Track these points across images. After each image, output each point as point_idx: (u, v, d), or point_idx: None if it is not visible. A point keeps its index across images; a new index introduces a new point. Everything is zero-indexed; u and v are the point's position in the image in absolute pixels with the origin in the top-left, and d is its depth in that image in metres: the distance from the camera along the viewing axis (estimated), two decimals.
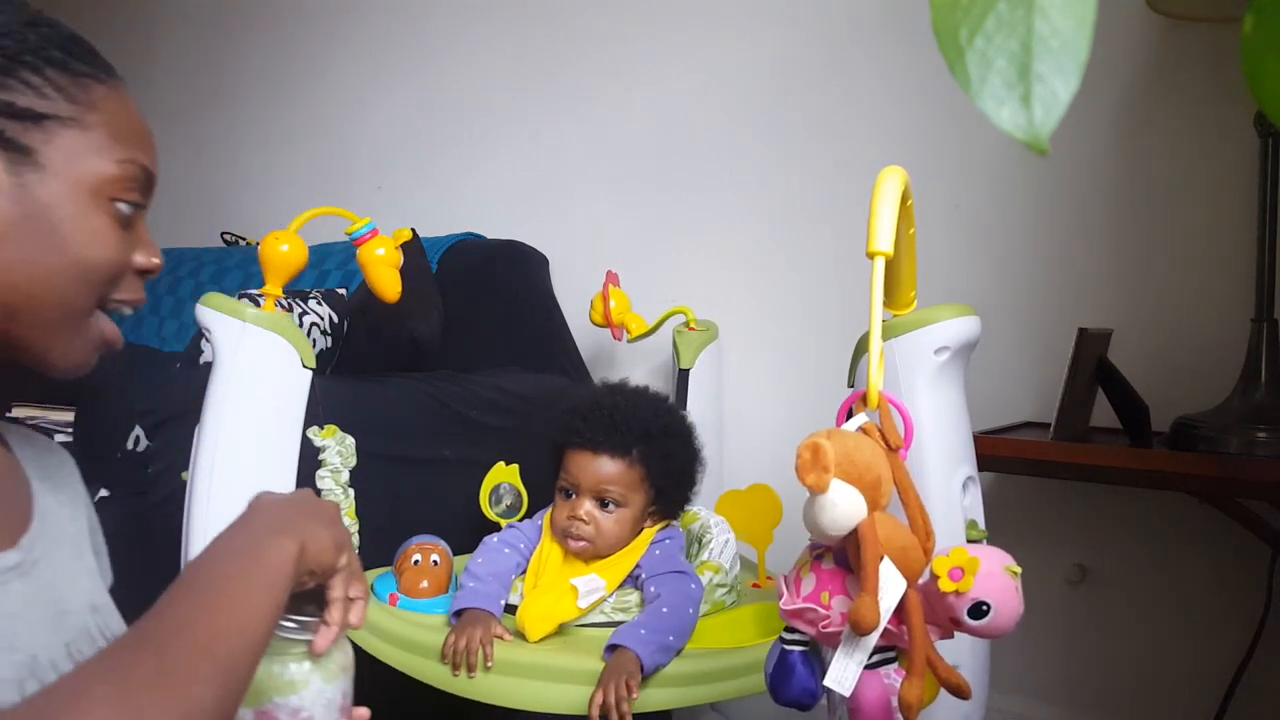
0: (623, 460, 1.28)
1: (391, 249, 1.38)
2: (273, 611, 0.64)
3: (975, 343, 1.13)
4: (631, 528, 1.29)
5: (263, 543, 0.65)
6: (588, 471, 1.28)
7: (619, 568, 1.28)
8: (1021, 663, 1.60)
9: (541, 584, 1.28)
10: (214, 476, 1.21)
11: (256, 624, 0.62)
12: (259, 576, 0.64)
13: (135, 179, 0.71)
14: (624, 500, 1.28)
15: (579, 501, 1.28)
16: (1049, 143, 0.42)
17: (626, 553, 1.29)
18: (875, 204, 0.87)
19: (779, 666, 0.87)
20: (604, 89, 2.14)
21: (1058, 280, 1.63)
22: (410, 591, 1.32)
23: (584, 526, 1.27)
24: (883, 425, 0.84)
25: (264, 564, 0.64)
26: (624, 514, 1.28)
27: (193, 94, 2.94)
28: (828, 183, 1.85)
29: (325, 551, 0.69)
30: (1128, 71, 1.57)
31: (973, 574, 0.76)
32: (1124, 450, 1.35)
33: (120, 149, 0.69)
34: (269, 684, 0.70)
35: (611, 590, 1.26)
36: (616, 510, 1.28)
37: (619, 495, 1.27)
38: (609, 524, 1.27)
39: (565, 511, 1.29)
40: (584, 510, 1.27)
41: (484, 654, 1.16)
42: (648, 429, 1.29)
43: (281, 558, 0.65)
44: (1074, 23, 0.42)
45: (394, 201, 2.45)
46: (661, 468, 1.30)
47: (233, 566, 0.64)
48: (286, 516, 0.69)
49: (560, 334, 2.06)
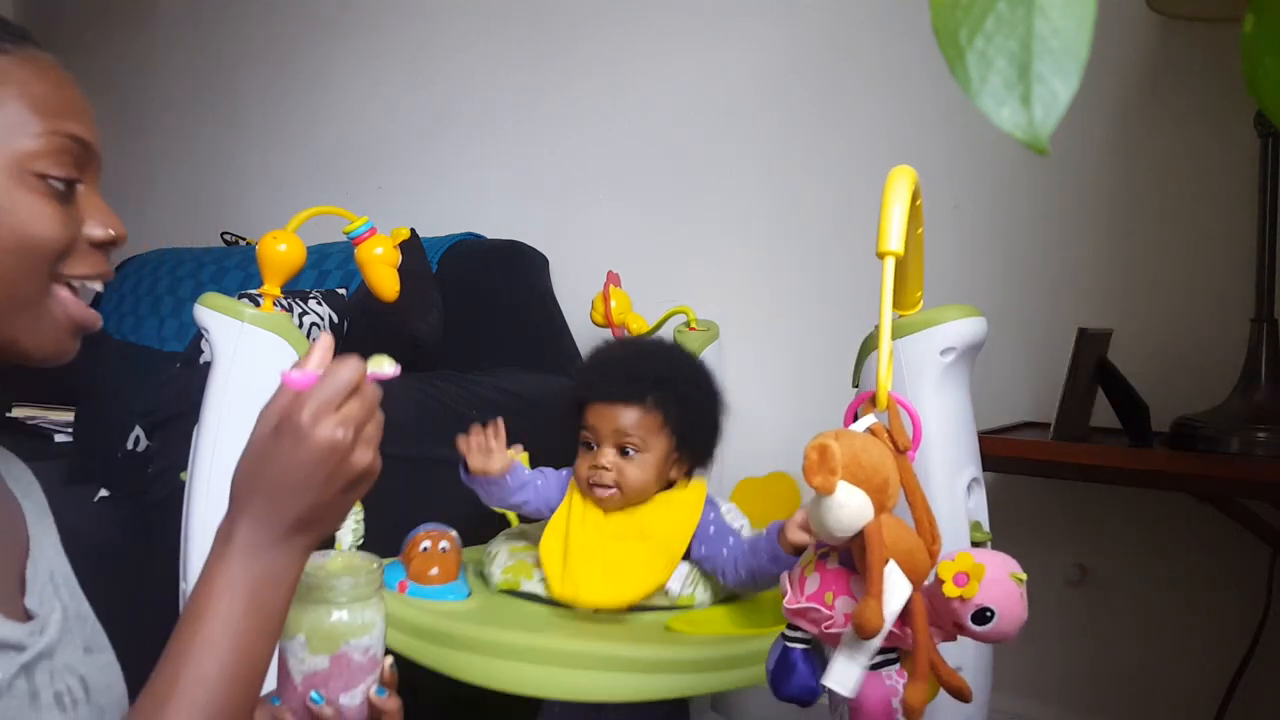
0: (638, 406, 1.30)
1: (389, 248, 1.38)
2: (272, 651, 0.67)
3: (981, 344, 1.12)
4: (656, 474, 1.30)
5: (259, 585, 0.65)
6: (606, 420, 1.30)
7: (679, 537, 1.28)
8: (1022, 663, 1.60)
9: (583, 548, 1.27)
10: (213, 476, 1.21)
11: (259, 669, 0.65)
12: (259, 624, 0.65)
13: (65, 150, 0.66)
14: (644, 446, 1.29)
15: (600, 452, 1.30)
16: (1049, 143, 0.42)
17: (680, 521, 1.29)
18: (886, 203, 0.86)
19: (780, 663, 0.86)
20: (605, 89, 2.14)
21: (1058, 280, 1.63)
22: (419, 578, 1.31)
23: (606, 474, 1.28)
24: (891, 427, 0.84)
25: (263, 610, 0.65)
26: (646, 459, 1.29)
27: (193, 94, 2.94)
28: (828, 183, 1.85)
29: (330, 523, 0.68)
30: (1128, 71, 1.57)
31: (978, 580, 0.75)
32: (1124, 450, 1.35)
33: (41, 121, 0.65)
34: (346, 630, 0.76)
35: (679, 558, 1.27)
36: (638, 456, 1.29)
37: (638, 441, 1.29)
38: (632, 470, 1.29)
39: (587, 462, 1.30)
40: (606, 459, 1.29)
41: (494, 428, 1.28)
42: (660, 375, 1.32)
43: (279, 592, 0.66)
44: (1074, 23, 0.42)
45: (394, 201, 2.45)
46: (679, 412, 1.31)
47: (229, 621, 0.64)
48: (277, 513, 0.66)
49: (560, 334, 2.06)
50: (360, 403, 0.68)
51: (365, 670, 0.77)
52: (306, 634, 0.75)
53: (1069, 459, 1.35)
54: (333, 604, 0.76)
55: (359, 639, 0.76)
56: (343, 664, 0.75)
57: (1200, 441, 1.30)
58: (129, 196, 2.89)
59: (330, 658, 0.75)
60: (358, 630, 0.76)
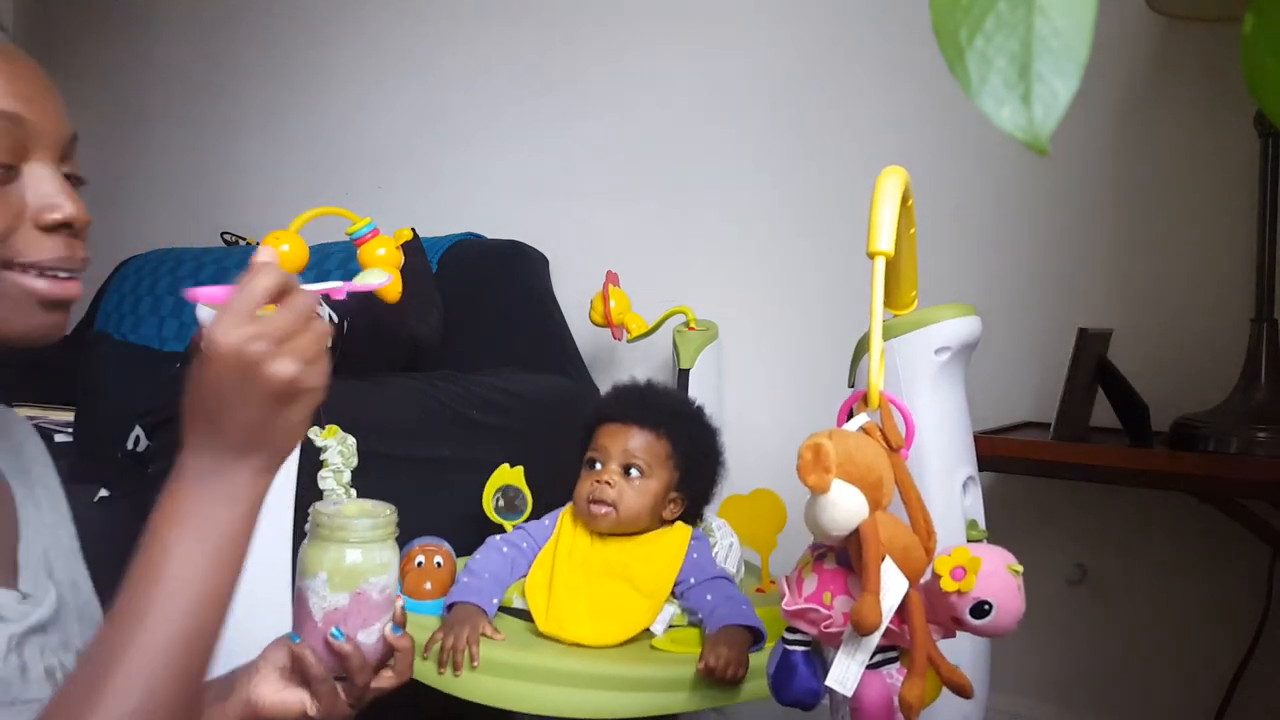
0: (651, 432, 1.32)
1: (392, 249, 1.38)
2: (235, 578, 0.63)
3: (976, 343, 1.13)
4: (653, 503, 1.31)
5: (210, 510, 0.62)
6: (617, 440, 1.31)
7: (663, 579, 1.28)
8: (1021, 662, 1.60)
9: (566, 584, 1.28)
10: None
11: (219, 605, 0.63)
12: (215, 550, 0.62)
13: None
14: (648, 471, 1.30)
15: (606, 469, 1.30)
16: (1049, 143, 0.42)
17: (665, 564, 1.29)
18: (875, 204, 0.87)
19: (781, 666, 0.87)
20: (604, 89, 2.14)
21: (1058, 280, 1.63)
22: (414, 593, 1.32)
23: (608, 490, 1.29)
24: (884, 425, 0.84)
25: (219, 536, 0.62)
26: (648, 485, 1.30)
27: (193, 94, 2.94)
28: (828, 183, 1.85)
29: (276, 441, 0.64)
30: (1128, 71, 1.57)
31: (975, 573, 0.76)
32: (1124, 450, 1.35)
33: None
34: (364, 569, 0.80)
35: (663, 602, 1.27)
36: (641, 480, 1.30)
37: (644, 464, 1.30)
38: (632, 492, 1.30)
39: (590, 480, 1.31)
40: (610, 475, 1.29)
41: (470, 653, 1.16)
42: (676, 410, 1.36)
43: (234, 515, 0.63)
44: (1074, 23, 0.42)
45: (394, 201, 2.45)
46: (687, 447, 1.34)
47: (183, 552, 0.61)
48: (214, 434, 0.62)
49: (560, 334, 2.06)
50: (286, 314, 0.63)
51: (381, 609, 0.81)
52: (328, 572, 0.79)
53: (1069, 459, 1.35)
54: (353, 543, 0.80)
55: (377, 578, 0.80)
56: (361, 601, 0.79)
57: (1200, 441, 1.30)
58: (129, 197, 2.89)
59: (350, 595, 0.79)
60: (376, 569, 0.80)
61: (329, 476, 1.36)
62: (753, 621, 1.20)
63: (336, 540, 0.80)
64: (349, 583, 0.79)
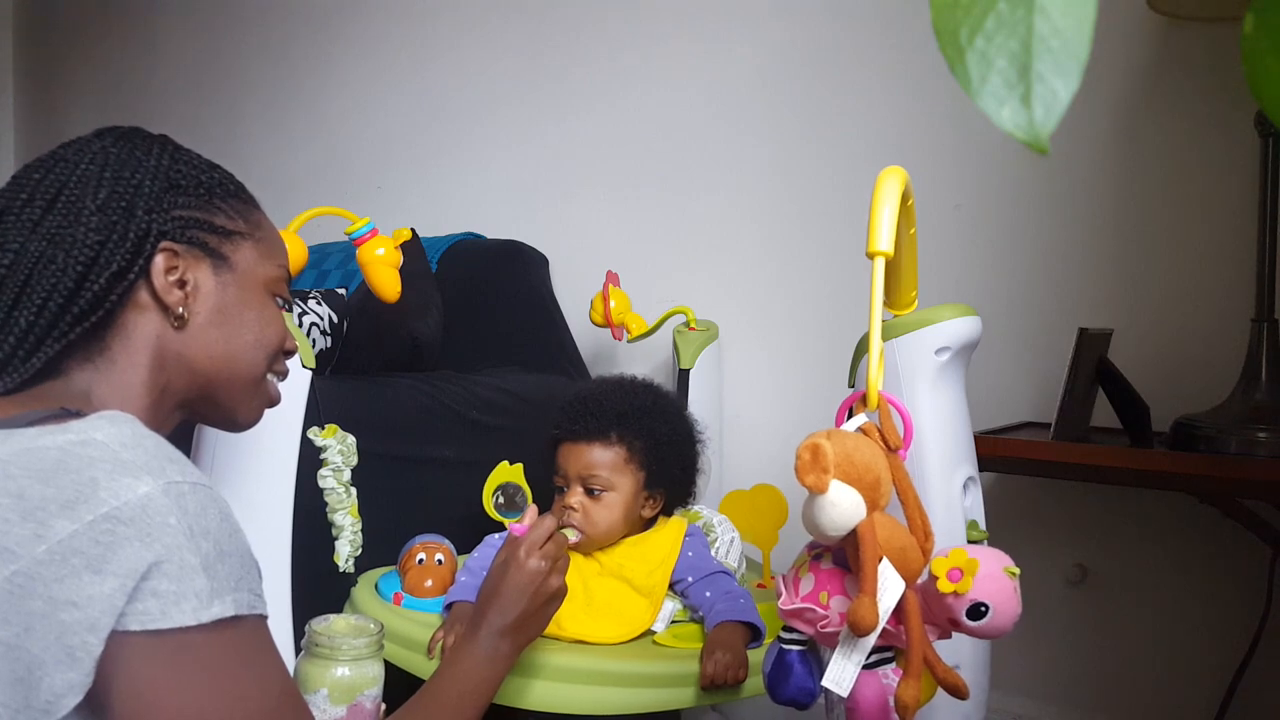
0: (601, 443, 1.29)
1: (391, 249, 1.38)
2: (480, 713, 0.93)
3: (976, 343, 1.13)
4: (624, 513, 1.29)
5: (485, 670, 0.94)
6: (572, 460, 1.29)
7: (658, 577, 1.27)
8: (1021, 663, 1.60)
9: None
10: (213, 477, 1.21)
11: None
12: (479, 695, 0.93)
13: (286, 279, 0.90)
14: (610, 484, 1.28)
15: (569, 492, 1.29)
16: (1049, 142, 0.42)
17: (658, 562, 1.29)
18: (875, 204, 0.87)
19: (777, 665, 0.87)
20: (604, 89, 2.14)
21: (1058, 280, 1.63)
22: (415, 590, 1.32)
23: (574, 514, 1.27)
24: (882, 426, 0.84)
25: (482, 688, 0.94)
26: (612, 499, 1.28)
27: (193, 94, 2.94)
28: (828, 183, 1.85)
29: (533, 630, 1.00)
30: (1128, 71, 1.57)
31: (971, 575, 0.76)
32: (1124, 450, 1.35)
33: (278, 256, 0.89)
34: (361, 683, 0.91)
35: (661, 600, 1.27)
36: (604, 495, 1.28)
37: (604, 480, 1.28)
38: (597, 511, 1.28)
39: (558, 505, 1.30)
40: (574, 499, 1.28)
41: None
42: (622, 410, 1.30)
43: (495, 675, 0.96)
44: (1074, 23, 0.42)
45: (394, 201, 2.45)
46: (644, 444, 1.30)
47: (462, 693, 0.92)
48: (502, 618, 0.97)
49: (560, 334, 2.06)
50: (555, 545, 1.01)
51: (372, 715, 0.92)
52: (329, 688, 0.90)
53: (1069, 459, 1.35)
54: (350, 662, 0.91)
55: (370, 690, 0.92)
56: (357, 712, 0.91)
57: (1200, 441, 1.30)
58: None
59: (348, 707, 0.90)
60: (369, 682, 0.92)
61: (329, 476, 1.36)
62: (750, 617, 1.19)
63: (336, 660, 0.91)
64: (347, 696, 0.90)
